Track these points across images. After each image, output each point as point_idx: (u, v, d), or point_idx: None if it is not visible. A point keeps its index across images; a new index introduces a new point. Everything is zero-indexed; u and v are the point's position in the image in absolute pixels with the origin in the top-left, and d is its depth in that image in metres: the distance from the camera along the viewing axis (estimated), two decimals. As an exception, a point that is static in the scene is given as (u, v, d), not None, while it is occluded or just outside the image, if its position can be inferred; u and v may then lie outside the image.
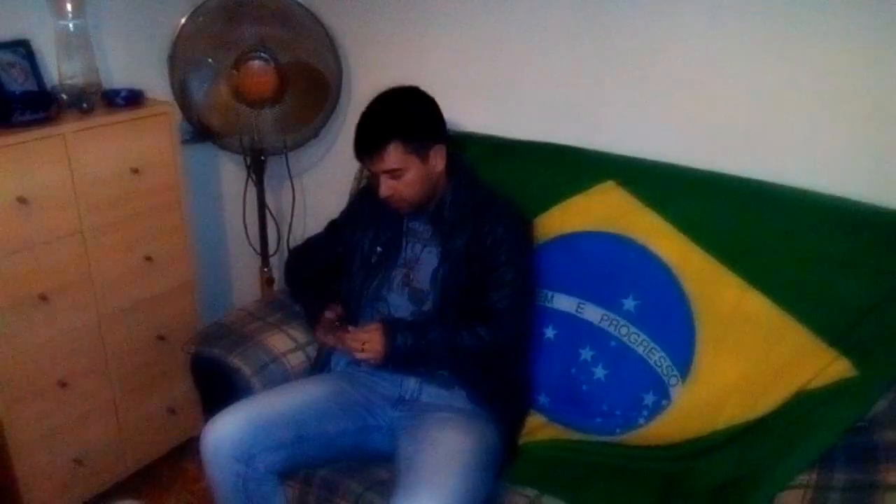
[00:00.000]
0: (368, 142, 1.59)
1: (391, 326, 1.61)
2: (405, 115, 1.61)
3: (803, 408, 1.46)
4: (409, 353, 1.60)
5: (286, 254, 2.61)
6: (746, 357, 1.55)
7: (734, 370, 1.56)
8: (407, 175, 1.60)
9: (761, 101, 1.67)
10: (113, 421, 2.09)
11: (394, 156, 1.57)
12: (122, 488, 2.15)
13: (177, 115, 2.11)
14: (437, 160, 1.64)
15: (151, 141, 2.00)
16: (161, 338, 2.15)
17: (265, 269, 2.55)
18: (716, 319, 1.59)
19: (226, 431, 1.50)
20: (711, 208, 1.64)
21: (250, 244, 2.54)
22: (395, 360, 1.61)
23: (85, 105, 1.89)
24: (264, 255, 2.54)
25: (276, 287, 2.52)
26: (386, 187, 1.62)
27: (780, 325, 1.51)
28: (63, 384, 1.93)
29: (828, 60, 1.56)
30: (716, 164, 1.68)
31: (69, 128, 1.81)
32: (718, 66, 1.70)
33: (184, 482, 2.24)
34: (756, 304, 1.54)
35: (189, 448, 2.27)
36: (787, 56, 1.61)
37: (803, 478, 1.35)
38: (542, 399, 1.79)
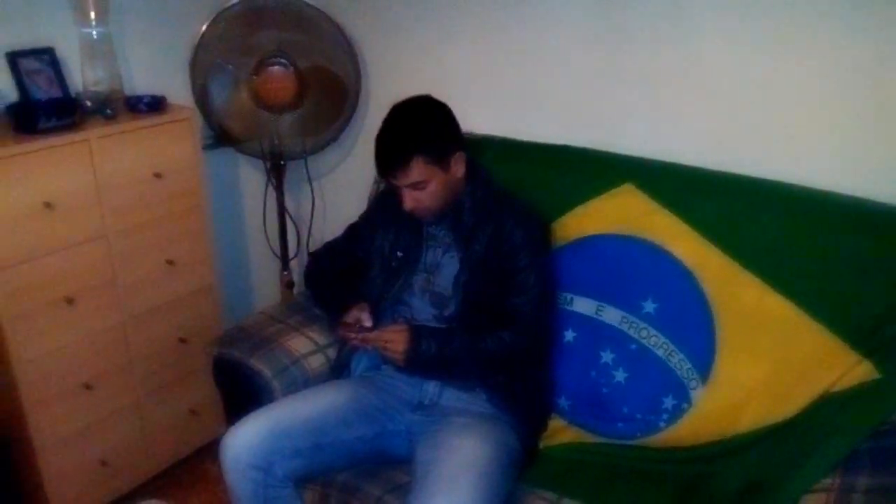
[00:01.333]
0: (391, 158, 1.58)
1: (418, 331, 1.62)
2: (425, 129, 1.61)
3: (826, 411, 1.44)
4: (431, 360, 1.60)
5: (306, 257, 2.63)
6: (767, 360, 1.54)
7: (755, 373, 1.55)
8: (430, 186, 1.60)
9: (781, 102, 1.66)
10: (137, 422, 2.12)
11: (417, 170, 1.57)
12: (145, 489, 2.18)
13: (198, 120, 2.14)
14: (458, 167, 1.65)
15: (173, 146, 2.02)
16: (183, 340, 2.17)
17: (285, 273, 2.57)
18: (736, 321, 1.58)
19: (245, 440, 1.52)
20: (731, 210, 1.63)
21: (270, 248, 2.56)
22: (417, 364, 1.61)
23: (109, 111, 1.92)
24: (284, 259, 2.56)
25: (295, 290, 2.54)
26: (410, 199, 1.62)
27: (802, 327, 1.50)
28: (88, 386, 1.95)
29: (850, 59, 1.55)
30: (735, 166, 1.68)
31: (94, 134, 1.83)
32: (737, 68, 1.69)
33: (206, 483, 2.26)
34: (776, 306, 1.53)
35: (211, 449, 2.28)
36: (807, 56, 1.60)
37: (826, 482, 1.34)
38: (563, 402, 1.78)
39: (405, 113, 1.63)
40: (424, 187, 1.60)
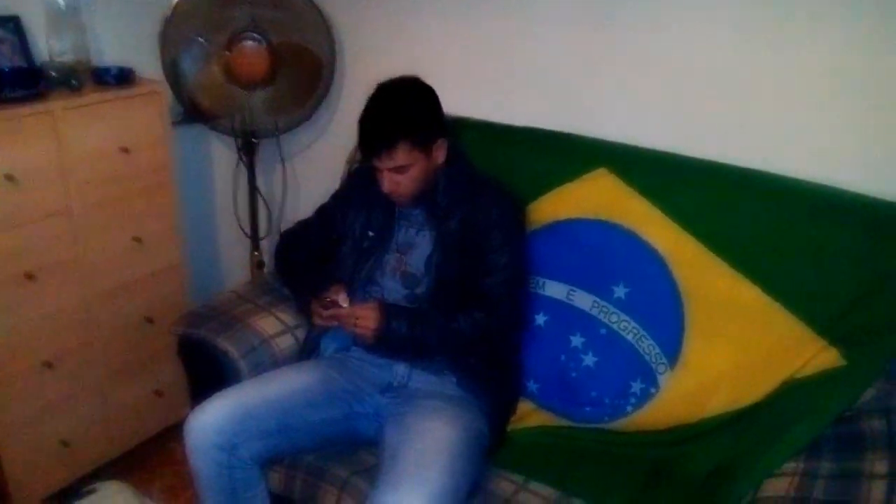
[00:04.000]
0: (376, 140, 1.56)
1: (388, 309, 1.61)
2: (414, 113, 1.58)
3: (792, 397, 1.46)
4: (402, 339, 1.59)
5: (277, 237, 2.60)
6: (736, 346, 1.56)
7: (723, 358, 1.57)
8: (411, 171, 1.59)
9: (756, 90, 1.66)
10: (100, 402, 2.08)
11: (402, 154, 1.55)
12: (107, 470, 2.14)
13: (168, 94, 2.09)
14: (440, 153, 1.64)
15: (142, 120, 1.98)
16: (149, 319, 2.14)
17: (255, 253, 2.53)
18: (706, 308, 1.60)
19: (209, 421, 1.50)
20: (704, 197, 1.63)
21: (241, 227, 2.52)
22: (386, 343, 1.60)
23: (74, 83, 1.87)
24: (254, 239, 2.53)
25: (265, 270, 2.51)
26: (389, 182, 1.60)
27: (770, 314, 1.52)
28: (49, 365, 1.91)
29: (825, 48, 1.56)
30: (710, 153, 1.68)
31: (58, 105, 1.79)
32: (714, 54, 1.69)
33: (170, 464, 2.23)
34: (747, 294, 1.54)
35: (176, 430, 2.20)
36: (783, 44, 1.60)
37: (790, 465, 1.36)
38: (532, 386, 1.78)
39: (393, 94, 1.60)
40: (406, 171, 1.58)
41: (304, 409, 1.59)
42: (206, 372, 1.75)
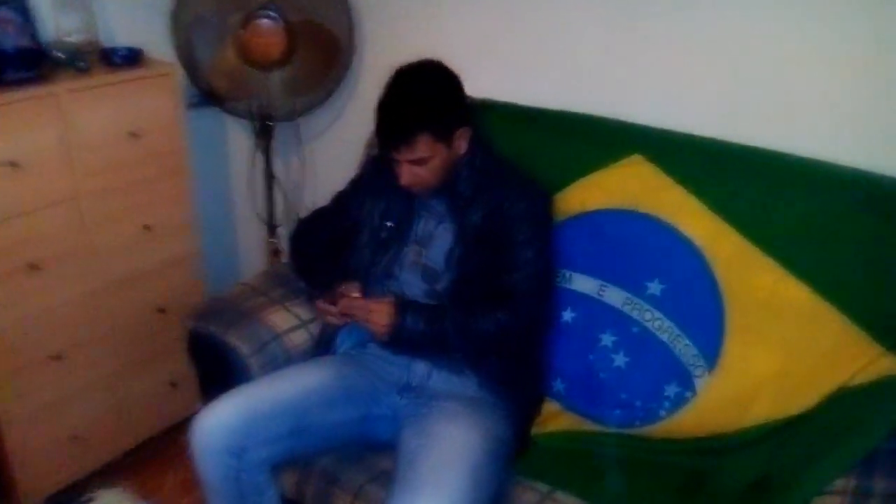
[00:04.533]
0: (395, 131, 1.47)
1: (404, 305, 1.53)
2: (436, 103, 1.48)
3: (843, 407, 1.35)
4: (418, 336, 1.51)
5: (294, 224, 2.53)
6: (781, 349, 1.45)
7: (767, 363, 1.46)
8: (432, 163, 1.50)
9: (807, 70, 1.53)
10: (111, 396, 2.04)
11: (422, 145, 1.46)
12: (119, 465, 2.11)
13: (180, 76, 2.02)
14: (461, 143, 1.54)
15: (152, 104, 1.92)
16: (162, 310, 2.09)
17: (272, 240, 2.47)
18: (748, 307, 1.49)
19: (218, 423, 1.43)
20: (748, 187, 1.52)
21: (257, 214, 2.46)
22: (401, 340, 1.53)
23: (81, 64, 1.81)
24: (271, 226, 2.46)
25: (283, 259, 2.44)
26: (408, 175, 1.51)
27: (820, 315, 1.41)
28: (58, 357, 1.87)
29: (885, 22, 1.43)
30: (756, 139, 1.56)
31: (63, 87, 1.72)
32: (759, 31, 1.56)
33: (184, 458, 2.16)
34: (794, 292, 1.43)
35: (191, 422, 2.20)
36: (833, 20, 1.48)
37: (841, 483, 1.25)
38: (558, 385, 1.70)
39: (413, 81, 1.50)
40: (425, 163, 1.49)
41: (318, 410, 1.52)
42: (216, 369, 1.68)
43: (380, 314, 1.50)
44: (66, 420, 1.94)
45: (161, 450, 2.21)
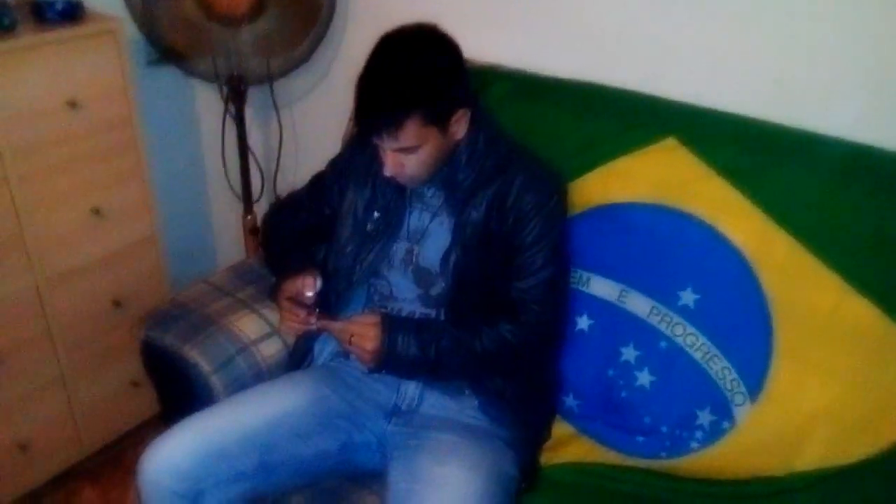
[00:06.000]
0: (378, 115, 1.22)
1: (392, 324, 1.31)
2: (428, 79, 1.23)
3: (918, 457, 1.15)
4: (409, 361, 1.30)
5: (273, 198, 2.29)
6: (841, 380, 1.25)
7: (823, 396, 1.26)
8: (421, 151, 1.26)
9: (879, 42, 1.28)
10: (62, 399, 1.85)
11: (411, 131, 1.22)
12: (75, 473, 1.93)
13: (126, 33, 1.74)
14: (459, 127, 1.30)
15: (94, 66, 1.66)
16: (117, 303, 1.88)
17: (248, 217, 2.23)
18: (803, 327, 1.28)
19: (169, 461, 1.23)
20: (807, 181, 1.30)
21: (231, 188, 2.21)
22: (390, 366, 1.32)
23: (6, 21, 1.54)
24: (247, 201, 2.22)
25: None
26: (393, 165, 1.28)
27: (891, 342, 1.20)
28: (-2, 360, 1.66)
29: None
30: (817, 124, 1.33)
31: (-17, 49, 1.47)
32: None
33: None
34: (860, 313, 1.23)
35: (156, 424, 2.00)
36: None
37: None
38: (570, 402, 1.50)
39: (402, 53, 1.24)
40: (414, 152, 1.26)
41: (290, 441, 1.32)
42: (174, 387, 1.45)
43: (363, 338, 1.28)
44: (11, 428, 1.76)
45: (124, 453, 2.01)
